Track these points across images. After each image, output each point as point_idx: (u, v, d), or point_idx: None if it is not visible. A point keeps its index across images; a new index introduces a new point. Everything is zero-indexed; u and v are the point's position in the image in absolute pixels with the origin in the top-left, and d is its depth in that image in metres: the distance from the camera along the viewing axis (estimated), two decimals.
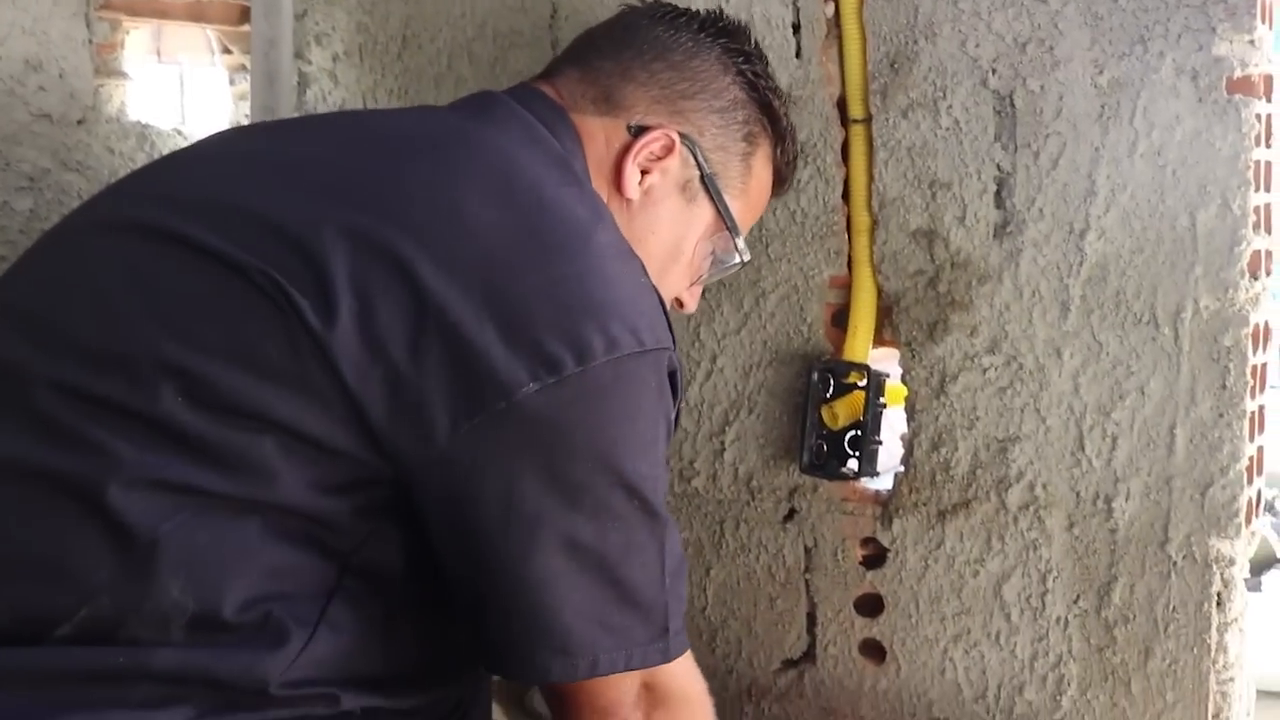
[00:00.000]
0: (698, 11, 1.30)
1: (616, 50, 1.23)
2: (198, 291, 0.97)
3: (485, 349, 0.95)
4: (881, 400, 1.50)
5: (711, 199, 1.24)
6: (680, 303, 1.31)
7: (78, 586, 0.92)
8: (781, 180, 1.34)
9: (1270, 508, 1.85)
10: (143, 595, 0.93)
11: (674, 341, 1.07)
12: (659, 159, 1.20)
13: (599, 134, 1.19)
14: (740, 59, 1.26)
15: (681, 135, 1.21)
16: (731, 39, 1.27)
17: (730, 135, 1.25)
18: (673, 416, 1.07)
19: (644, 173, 1.20)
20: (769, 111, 1.28)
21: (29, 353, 0.97)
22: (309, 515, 0.97)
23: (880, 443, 1.51)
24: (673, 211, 1.23)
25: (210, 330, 0.96)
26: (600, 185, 1.18)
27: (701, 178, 1.23)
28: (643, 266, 1.08)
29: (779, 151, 1.31)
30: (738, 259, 1.29)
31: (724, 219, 1.25)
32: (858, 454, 1.51)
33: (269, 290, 0.95)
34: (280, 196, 1.02)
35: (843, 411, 1.52)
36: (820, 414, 1.53)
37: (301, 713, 0.98)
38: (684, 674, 1.11)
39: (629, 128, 1.20)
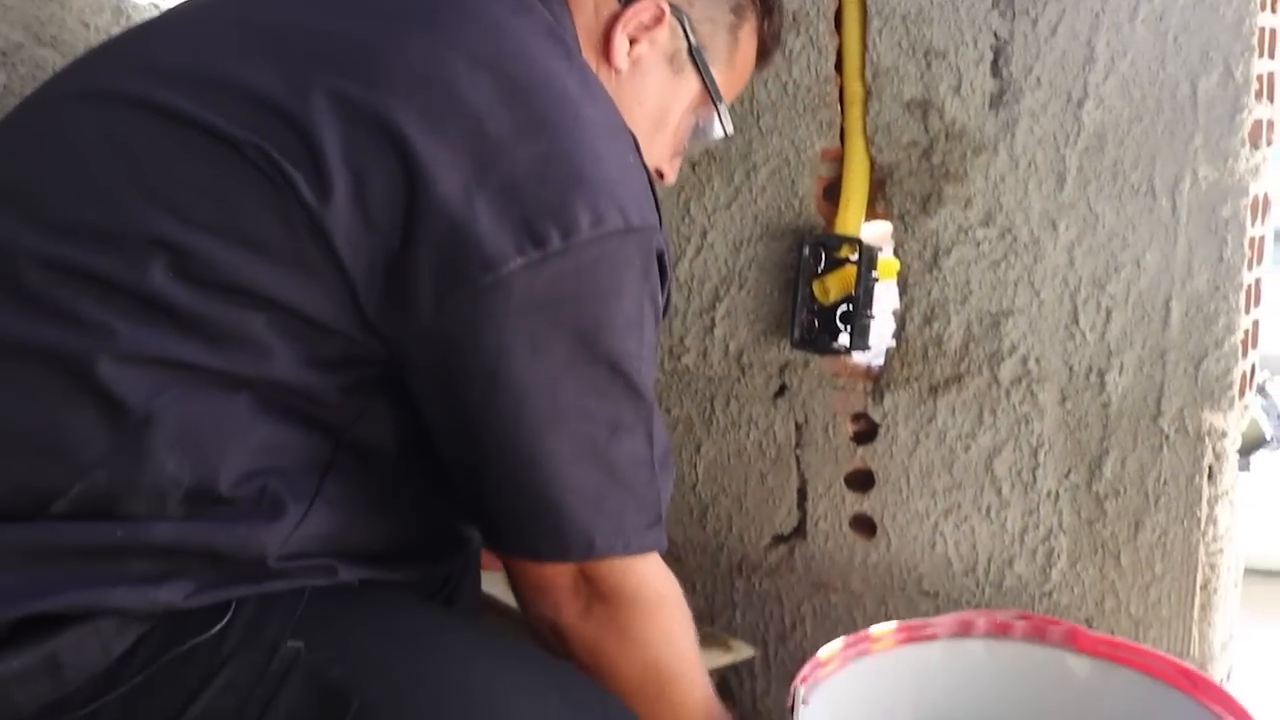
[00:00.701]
0: None
1: None
2: (187, 166, 0.95)
3: (472, 223, 0.93)
4: (873, 274, 1.48)
5: (698, 71, 1.22)
6: (661, 174, 1.29)
7: (72, 462, 0.91)
8: (766, 54, 1.32)
9: (1261, 390, 1.84)
10: (138, 469, 0.92)
11: (662, 222, 1.05)
12: (648, 29, 1.17)
13: (588, 2, 1.16)
14: None
15: (671, 6, 1.18)
16: None
17: (718, 7, 1.23)
18: (661, 299, 1.06)
19: (632, 42, 1.17)
20: None
21: (14, 228, 0.95)
22: (302, 392, 0.97)
23: (872, 317, 1.49)
24: (660, 82, 1.21)
25: (201, 205, 0.93)
26: (589, 55, 1.16)
27: (689, 50, 1.21)
28: (634, 143, 1.06)
29: (765, 25, 1.28)
30: (721, 132, 1.27)
31: (710, 92, 1.23)
32: (849, 329, 1.49)
33: (263, 165, 0.93)
34: (266, 66, 0.98)
35: (834, 286, 1.50)
36: (811, 289, 1.51)
37: (299, 583, 0.99)
38: (644, 573, 1.09)
39: None
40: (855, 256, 1.48)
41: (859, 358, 1.55)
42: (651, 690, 1.11)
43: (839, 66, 1.50)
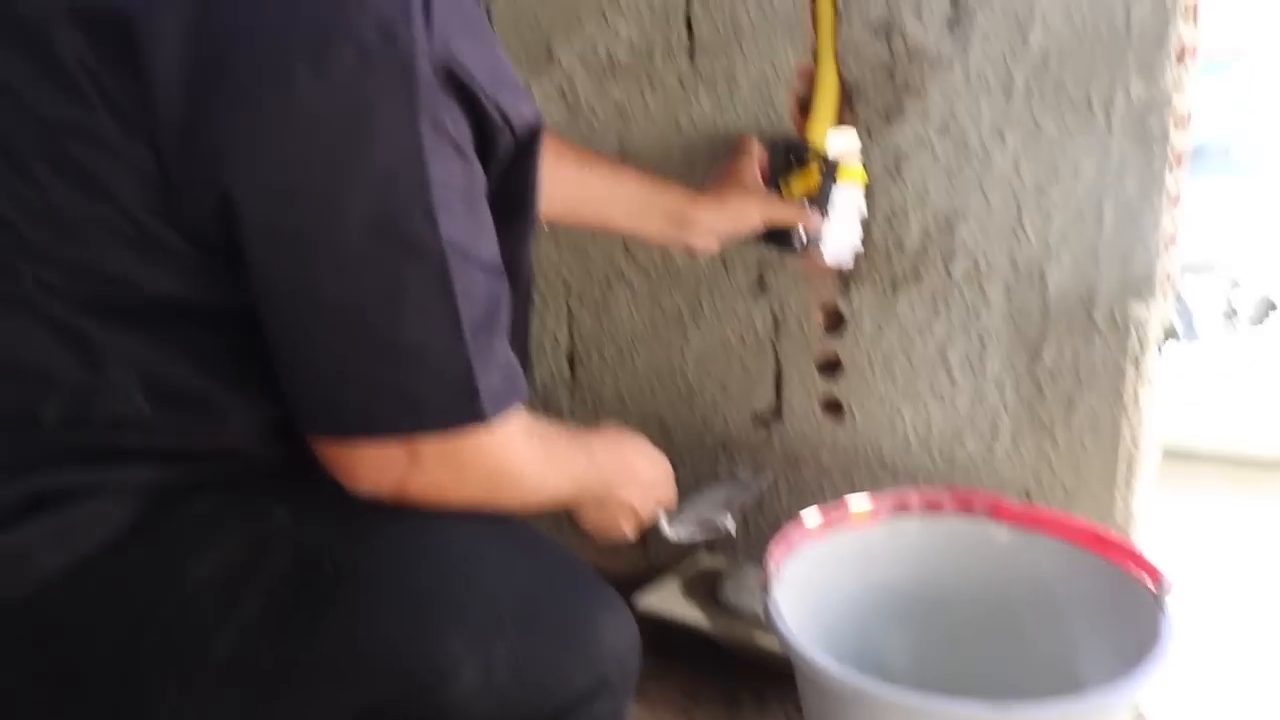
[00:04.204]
0: None
1: None
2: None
3: (193, 114, 0.84)
4: (834, 182, 1.52)
5: None
6: None
7: (48, 379, 0.92)
8: None
9: None
10: (96, 380, 0.92)
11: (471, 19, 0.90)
12: None
13: None
14: None
15: None
16: None
17: None
18: (454, 115, 0.88)
19: None
20: None
21: None
22: (183, 297, 0.93)
23: (828, 220, 1.53)
24: None
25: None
26: None
27: None
28: None
29: None
30: None
31: None
32: (805, 230, 1.53)
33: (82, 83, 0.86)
34: None
35: (798, 187, 1.54)
36: (779, 186, 1.55)
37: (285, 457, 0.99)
38: (489, 446, 0.96)
39: None
40: (820, 164, 1.52)
41: (829, 257, 1.63)
42: (491, 504, 1.01)
43: None
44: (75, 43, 0.86)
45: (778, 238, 1.56)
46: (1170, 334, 1.42)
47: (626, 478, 1.26)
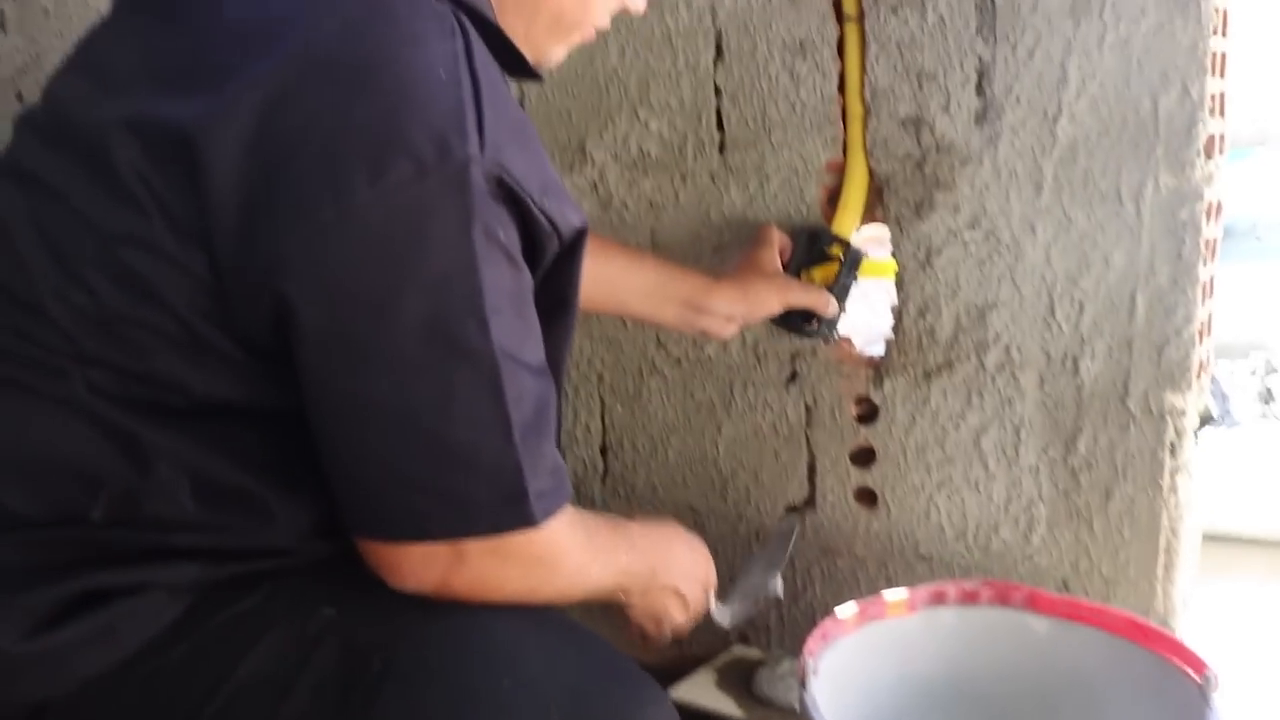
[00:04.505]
0: None
1: None
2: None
3: (244, 223, 0.86)
4: (854, 274, 1.54)
5: None
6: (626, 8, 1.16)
7: (95, 478, 0.94)
8: None
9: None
10: (143, 477, 0.94)
11: (518, 134, 0.91)
12: None
13: None
14: None
15: None
16: None
17: None
18: (507, 226, 0.90)
19: None
20: None
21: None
22: (230, 401, 0.95)
23: (843, 311, 1.56)
24: None
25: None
26: None
27: None
28: (457, 45, 0.89)
29: None
30: None
31: None
32: (818, 319, 1.55)
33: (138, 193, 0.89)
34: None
35: (817, 276, 1.56)
36: (799, 274, 1.57)
37: (330, 554, 1.01)
38: (535, 539, 0.96)
39: None
40: (842, 256, 1.54)
41: (861, 347, 1.63)
42: (534, 596, 1.02)
43: (841, 88, 1.56)
44: (132, 153, 0.89)
45: (793, 323, 1.57)
46: (1207, 420, 1.41)
47: (668, 563, 1.25)
